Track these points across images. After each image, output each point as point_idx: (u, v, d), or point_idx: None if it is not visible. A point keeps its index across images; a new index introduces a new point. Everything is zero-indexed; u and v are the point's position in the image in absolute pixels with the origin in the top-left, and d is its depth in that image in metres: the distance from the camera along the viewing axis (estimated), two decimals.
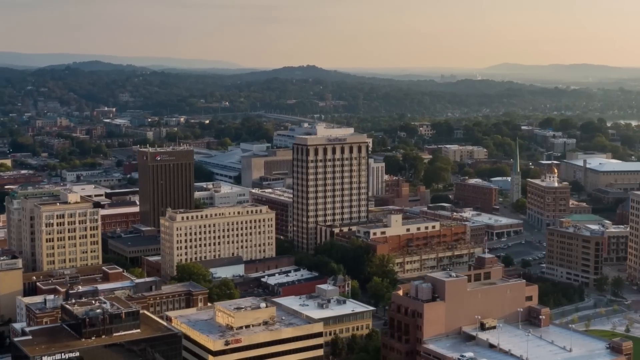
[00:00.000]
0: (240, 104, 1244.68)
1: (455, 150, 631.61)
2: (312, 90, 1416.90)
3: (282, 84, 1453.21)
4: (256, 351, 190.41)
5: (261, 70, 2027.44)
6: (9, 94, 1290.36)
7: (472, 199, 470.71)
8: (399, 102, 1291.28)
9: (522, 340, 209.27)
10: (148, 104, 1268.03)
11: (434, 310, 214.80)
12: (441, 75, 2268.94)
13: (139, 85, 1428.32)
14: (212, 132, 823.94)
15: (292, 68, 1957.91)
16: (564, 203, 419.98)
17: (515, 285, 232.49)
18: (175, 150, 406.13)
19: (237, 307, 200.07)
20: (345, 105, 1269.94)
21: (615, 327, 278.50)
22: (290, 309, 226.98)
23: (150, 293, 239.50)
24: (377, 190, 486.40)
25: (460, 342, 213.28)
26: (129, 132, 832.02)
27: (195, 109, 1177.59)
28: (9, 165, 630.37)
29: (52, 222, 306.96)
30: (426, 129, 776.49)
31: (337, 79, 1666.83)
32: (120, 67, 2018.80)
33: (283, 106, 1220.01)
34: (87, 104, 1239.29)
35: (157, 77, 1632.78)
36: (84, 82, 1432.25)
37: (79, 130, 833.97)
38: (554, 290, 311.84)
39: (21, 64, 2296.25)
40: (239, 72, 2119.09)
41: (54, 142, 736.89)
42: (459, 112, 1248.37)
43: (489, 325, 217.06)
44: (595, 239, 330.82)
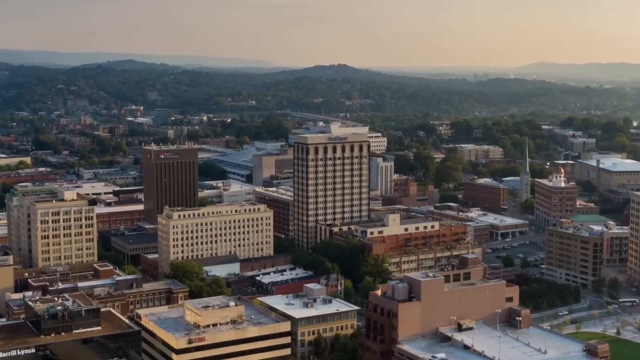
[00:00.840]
0: (267, 102, 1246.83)
1: (471, 149, 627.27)
2: (340, 89, 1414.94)
3: (310, 83, 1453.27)
4: (220, 350, 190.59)
5: (292, 69, 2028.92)
6: (40, 92, 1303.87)
7: (481, 199, 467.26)
8: (426, 101, 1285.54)
9: (497, 341, 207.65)
10: (176, 102, 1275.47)
11: (409, 310, 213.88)
12: (474, 74, 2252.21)
13: (168, 84, 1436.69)
14: (233, 130, 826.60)
15: (323, 67, 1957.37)
16: (571, 203, 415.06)
17: (494, 286, 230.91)
18: (180, 149, 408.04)
19: (205, 306, 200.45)
20: (372, 104, 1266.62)
21: (606, 330, 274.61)
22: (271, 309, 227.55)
23: (131, 291, 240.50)
24: (386, 189, 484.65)
25: (436, 343, 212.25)
26: (150, 131, 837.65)
27: (221, 107, 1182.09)
28: (29, 163, 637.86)
29: (47, 219, 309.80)
30: (445, 129, 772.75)
31: (366, 77, 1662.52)
32: (153, 65, 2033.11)
33: (309, 105, 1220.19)
34: (116, 103, 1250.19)
35: (187, 75, 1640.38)
36: (114, 81, 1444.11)
37: (102, 129, 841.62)
38: (549, 291, 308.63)
39: (58, 62, 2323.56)
40: (270, 71, 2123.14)
41: (75, 140, 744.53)
42: (487, 111, 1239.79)
43: (466, 326, 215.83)
44: (593, 240, 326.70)
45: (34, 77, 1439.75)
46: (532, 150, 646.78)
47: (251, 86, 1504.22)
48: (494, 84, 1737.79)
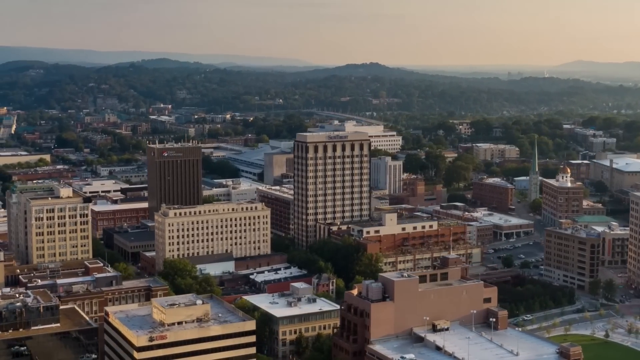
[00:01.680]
0: (294, 101, 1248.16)
1: (486, 148, 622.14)
2: (370, 87, 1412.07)
3: (339, 82, 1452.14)
4: (182, 348, 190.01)
5: (324, 68, 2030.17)
6: (71, 90, 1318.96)
7: (489, 199, 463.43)
8: (454, 100, 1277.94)
9: (470, 342, 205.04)
10: (204, 101, 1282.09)
11: (381, 310, 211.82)
12: (508, 72, 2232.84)
13: (198, 83, 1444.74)
14: (254, 129, 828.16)
15: (355, 65, 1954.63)
16: (577, 204, 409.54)
17: (472, 287, 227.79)
18: (183, 147, 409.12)
19: (171, 304, 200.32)
20: (399, 103, 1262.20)
21: (595, 332, 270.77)
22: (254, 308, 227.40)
23: (109, 288, 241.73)
24: (395, 188, 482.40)
25: (409, 344, 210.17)
26: (172, 129, 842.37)
27: (248, 106, 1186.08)
28: (48, 161, 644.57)
29: (42, 216, 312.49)
30: (465, 128, 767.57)
31: (397, 76, 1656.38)
32: (187, 64, 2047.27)
33: (336, 103, 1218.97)
34: (145, 101, 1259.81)
35: (218, 74, 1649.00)
36: (145, 80, 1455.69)
37: (124, 127, 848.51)
38: (543, 293, 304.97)
39: (95, 61, 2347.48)
40: (303, 70, 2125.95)
41: (96, 138, 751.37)
42: (515, 110, 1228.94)
43: (440, 326, 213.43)
44: (590, 241, 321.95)
45: (67, 76, 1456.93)
46: (550, 150, 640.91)
47: (281, 85, 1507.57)
48: (527, 82, 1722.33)
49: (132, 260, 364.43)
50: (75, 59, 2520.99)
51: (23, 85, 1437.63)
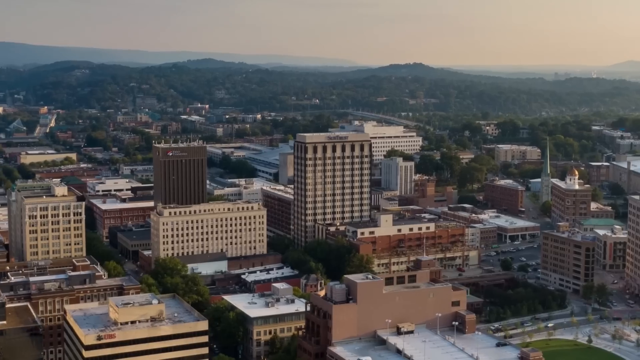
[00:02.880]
0: (331, 101, 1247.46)
1: (507, 150, 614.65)
2: (409, 88, 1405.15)
3: (378, 82, 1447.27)
4: (131, 347, 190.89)
5: (367, 68, 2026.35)
6: (112, 90, 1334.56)
7: (500, 201, 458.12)
8: (493, 101, 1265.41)
9: (432, 346, 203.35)
10: (242, 100, 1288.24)
11: (343, 312, 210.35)
12: (555, 73, 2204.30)
13: (237, 83, 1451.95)
14: (282, 129, 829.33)
15: (399, 66, 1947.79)
16: (585, 207, 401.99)
17: (439, 290, 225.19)
18: (188, 146, 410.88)
19: (125, 303, 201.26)
20: (437, 103, 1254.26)
21: (578, 337, 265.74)
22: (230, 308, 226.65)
23: (82, 286, 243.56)
24: (406, 189, 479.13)
25: (370, 346, 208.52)
26: (201, 129, 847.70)
27: (285, 106, 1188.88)
28: (74, 159, 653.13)
29: (36, 214, 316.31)
30: (492, 129, 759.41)
31: (439, 76, 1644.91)
32: (231, 64, 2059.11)
33: (372, 104, 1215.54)
34: (183, 101, 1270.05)
35: (260, 74, 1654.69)
36: (185, 80, 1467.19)
37: (155, 126, 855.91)
38: (534, 296, 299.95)
39: (143, 61, 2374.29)
40: (346, 70, 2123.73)
41: (125, 138, 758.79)
42: (555, 111, 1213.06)
43: (405, 329, 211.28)
44: (586, 245, 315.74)
45: (110, 76, 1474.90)
46: (576, 152, 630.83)
47: (321, 85, 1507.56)
48: (571, 83, 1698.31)
49: (133, 258, 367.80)
50: (125, 59, 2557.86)
51: (67, 85, 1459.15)
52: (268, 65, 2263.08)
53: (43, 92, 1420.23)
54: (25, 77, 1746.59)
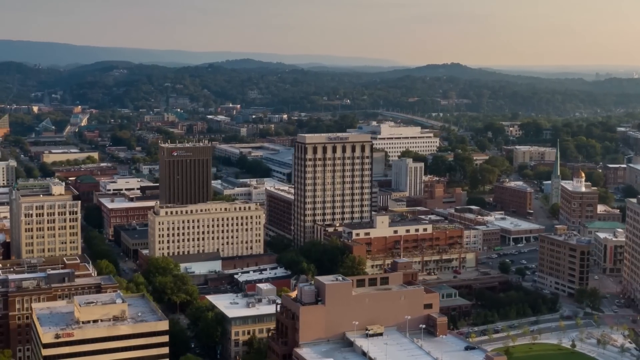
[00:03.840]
0: (362, 101, 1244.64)
1: (525, 151, 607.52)
2: (442, 88, 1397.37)
3: (412, 82, 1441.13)
4: (90, 346, 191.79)
5: (404, 68, 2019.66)
6: (146, 90, 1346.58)
7: (509, 202, 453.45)
8: (526, 101, 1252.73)
9: (399, 349, 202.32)
10: (274, 100, 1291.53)
11: (310, 313, 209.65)
12: (596, 73, 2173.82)
13: (270, 83, 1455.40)
14: (307, 129, 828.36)
15: (436, 66, 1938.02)
16: (591, 209, 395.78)
17: (411, 292, 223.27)
18: (193, 146, 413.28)
19: (88, 302, 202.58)
20: (469, 104, 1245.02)
21: (561, 342, 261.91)
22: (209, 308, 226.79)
23: (60, 284, 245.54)
24: (416, 190, 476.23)
25: (337, 348, 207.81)
26: (225, 128, 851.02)
27: (315, 106, 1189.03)
28: (96, 158, 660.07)
29: (31, 212, 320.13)
30: (516, 130, 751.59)
31: (474, 77, 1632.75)
32: (269, 64, 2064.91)
33: (404, 104, 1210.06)
34: (215, 101, 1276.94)
35: (295, 74, 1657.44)
36: (220, 80, 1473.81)
37: (180, 126, 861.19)
38: (525, 300, 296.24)
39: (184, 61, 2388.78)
40: (383, 70, 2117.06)
41: (149, 137, 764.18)
42: (589, 112, 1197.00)
43: (374, 331, 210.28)
44: (580, 248, 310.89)
45: (144, 76, 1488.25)
46: (598, 153, 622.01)
47: (355, 85, 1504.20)
48: (611, 84, 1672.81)
49: (134, 257, 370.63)
50: (165, 59, 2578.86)
51: (103, 84, 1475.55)
52: (307, 65, 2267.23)
53: (79, 92, 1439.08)
54: (65, 77, 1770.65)
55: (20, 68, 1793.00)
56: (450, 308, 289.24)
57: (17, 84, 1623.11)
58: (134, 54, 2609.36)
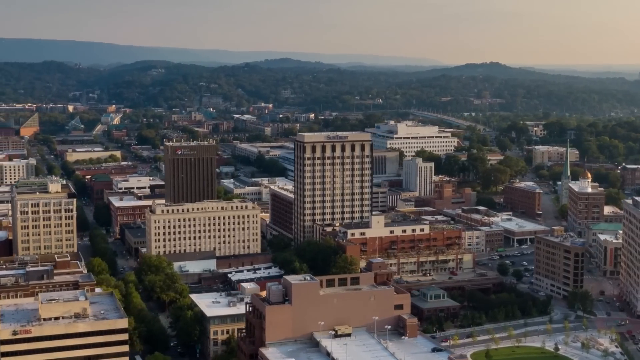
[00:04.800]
0: (394, 101, 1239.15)
1: (544, 151, 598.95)
2: (478, 87, 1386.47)
3: (447, 81, 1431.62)
4: (48, 343, 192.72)
5: (443, 67, 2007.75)
6: (181, 89, 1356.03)
7: (519, 203, 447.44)
8: (561, 101, 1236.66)
9: (363, 350, 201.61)
10: (307, 100, 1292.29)
11: (277, 313, 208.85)
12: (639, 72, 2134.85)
13: (305, 82, 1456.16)
14: (332, 128, 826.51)
15: (475, 65, 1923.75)
16: (598, 210, 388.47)
17: (381, 293, 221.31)
18: (197, 145, 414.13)
19: (50, 299, 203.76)
20: (502, 104, 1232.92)
21: (545, 345, 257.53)
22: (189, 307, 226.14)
23: (39, 281, 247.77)
24: (426, 190, 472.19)
25: (303, 349, 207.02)
26: (250, 128, 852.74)
27: (347, 105, 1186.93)
28: (118, 157, 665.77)
29: (27, 210, 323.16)
30: (540, 130, 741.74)
31: (512, 76, 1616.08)
32: (307, 64, 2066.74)
33: (436, 104, 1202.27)
34: (248, 100, 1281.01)
35: (331, 73, 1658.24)
36: (255, 79, 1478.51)
37: (206, 125, 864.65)
38: (516, 302, 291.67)
39: (223, 60, 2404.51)
40: (421, 69, 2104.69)
41: (173, 136, 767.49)
42: (626, 112, 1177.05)
43: (341, 332, 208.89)
44: (575, 250, 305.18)
45: (179, 75, 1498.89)
46: (621, 154, 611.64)
47: (390, 84, 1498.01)
48: None
49: (135, 255, 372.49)
50: (205, 58, 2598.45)
51: (139, 84, 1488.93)
52: (347, 65, 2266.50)
53: (116, 91, 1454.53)
54: (104, 77, 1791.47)
55: (61, 67, 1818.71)
56: (438, 309, 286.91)
57: (57, 83, 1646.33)
58: (175, 54, 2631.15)
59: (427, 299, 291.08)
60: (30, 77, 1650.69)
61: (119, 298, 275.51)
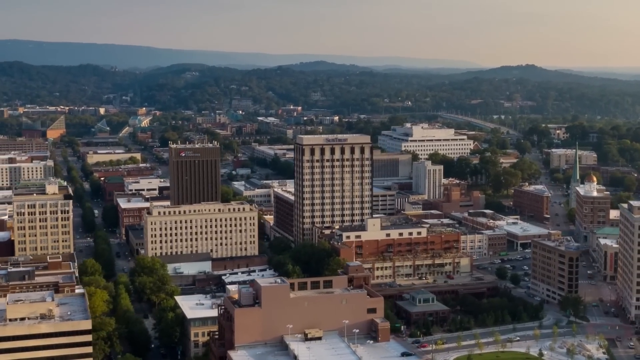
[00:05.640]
0: (423, 103, 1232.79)
1: (560, 154, 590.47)
2: (510, 89, 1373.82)
3: (479, 84, 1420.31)
4: (11, 343, 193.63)
5: (478, 70, 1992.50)
6: (212, 92, 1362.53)
7: (528, 207, 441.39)
8: (593, 104, 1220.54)
9: (331, 354, 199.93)
10: (336, 102, 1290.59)
11: (246, 315, 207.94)
12: None
13: (336, 85, 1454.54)
14: (355, 130, 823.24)
15: (509, 67, 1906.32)
16: (604, 214, 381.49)
17: (353, 296, 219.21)
18: (201, 147, 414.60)
19: (17, 300, 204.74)
20: (533, 106, 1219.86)
21: (530, 350, 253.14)
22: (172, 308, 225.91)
23: (19, 282, 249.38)
24: (435, 193, 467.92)
25: (271, 352, 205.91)
26: (273, 130, 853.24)
27: (376, 108, 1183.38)
28: (138, 159, 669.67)
29: (23, 211, 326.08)
30: (563, 132, 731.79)
31: (546, 78, 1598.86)
32: (342, 67, 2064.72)
33: (466, 106, 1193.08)
34: (277, 103, 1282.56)
35: (364, 76, 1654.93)
36: (286, 82, 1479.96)
37: (230, 128, 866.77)
38: (507, 306, 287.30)
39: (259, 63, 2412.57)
40: (455, 72, 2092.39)
41: (195, 138, 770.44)
42: None
43: (312, 335, 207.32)
44: (569, 254, 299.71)
45: (211, 78, 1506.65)
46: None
47: (423, 87, 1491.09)
48: None
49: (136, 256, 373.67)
50: (241, 61, 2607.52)
51: (172, 87, 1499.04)
52: (383, 67, 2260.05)
53: (149, 94, 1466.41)
54: (139, 80, 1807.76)
55: (97, 70, 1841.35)
56: (427, 313, 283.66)
57: (92, 86, 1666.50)
58: (211, 57, 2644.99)
59: (416, 303, 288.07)
60: (66, 80, 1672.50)
61: (106, 299, 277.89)
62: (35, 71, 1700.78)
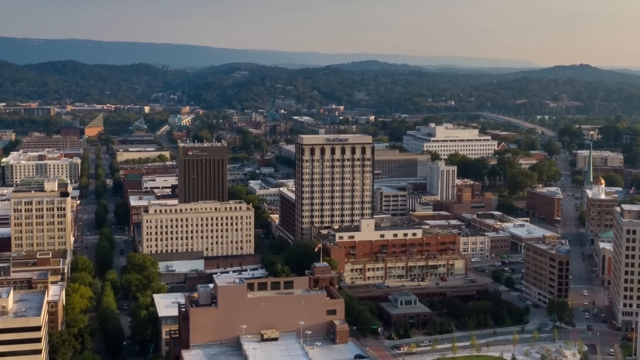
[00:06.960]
0: (467, 103, 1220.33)
1: (586, 156, 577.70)
2: (558, 89, 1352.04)
3: (527, 84, 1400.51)
4: None
5: (530, 70, 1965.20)
6: (257, 91, 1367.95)
7: (539, 209, 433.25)
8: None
9: (284, 355, 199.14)
10: (380, 102, 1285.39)
11: (201, 315, 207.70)
12: None
13: (381, 84, 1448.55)
14: (388, 130, 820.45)
15: (563, 67, 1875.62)
16: (611, 217, 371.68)
17: (312, 297, 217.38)
18: (208, 146, 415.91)
19: None
20: (579, 107, 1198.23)
21: (503, 354, 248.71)
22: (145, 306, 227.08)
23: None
24: (448, 194, 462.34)
25: (225, 352, 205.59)
26: (306, 129, 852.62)
27: (419, 107, 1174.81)
28: (167, 157, 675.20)
29: (20, 207, 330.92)
30: (596, 134, 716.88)
31: (599, 78, 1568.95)
32: (393, 66, 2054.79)
33: (510, 106, 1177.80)
34: (321, 102, 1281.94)
35: (412, 76, 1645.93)
36: (332, 81, 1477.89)
37: (264, 127, 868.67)
38: (494, 310, 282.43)
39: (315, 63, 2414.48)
40: (509, 71, 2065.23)
41: (226, 137, 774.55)
42: None
43: (268, 336, 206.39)
44: (559, 258, 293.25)
45: (257, 77, 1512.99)
46: None
47: (471, 87, 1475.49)
48: None
49: None
50: (294, 61, 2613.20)
51: (219, 86, 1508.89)
52: (437, 67, 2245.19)
53: (196, 93, 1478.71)
54: (189, 79, 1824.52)
55: (149, 70, 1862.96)
56: (408, 315, 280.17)
57: (142, 85, 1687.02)
58: (264, 56, 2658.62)
59: (397, 305, 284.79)
60: (118, 79, 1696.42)
61: (89, 296, 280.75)
62: (88, 70, 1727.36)
